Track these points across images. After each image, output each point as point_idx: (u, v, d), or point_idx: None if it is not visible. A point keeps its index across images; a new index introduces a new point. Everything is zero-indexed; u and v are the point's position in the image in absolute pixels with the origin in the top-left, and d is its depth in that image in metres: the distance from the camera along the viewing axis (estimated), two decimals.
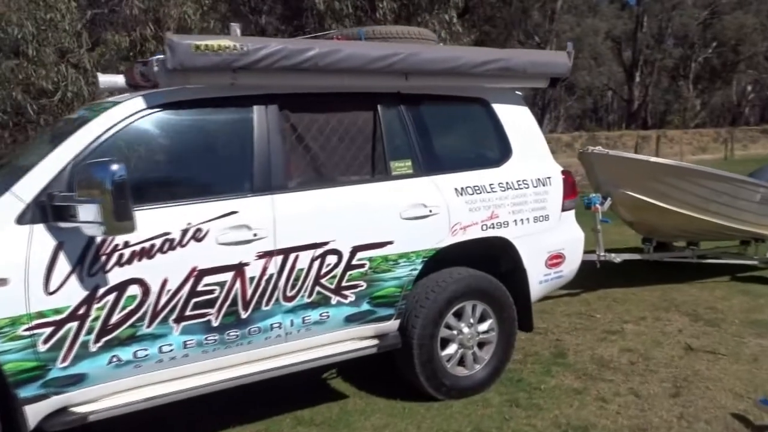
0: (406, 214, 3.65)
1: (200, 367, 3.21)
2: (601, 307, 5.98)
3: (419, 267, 3.71)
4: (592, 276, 6.35)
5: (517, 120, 4.27)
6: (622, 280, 6.73)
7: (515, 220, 4.07)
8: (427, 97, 3.96)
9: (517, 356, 4.73)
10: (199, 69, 3.05)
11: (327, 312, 3.48)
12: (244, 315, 3.23)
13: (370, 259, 3.55)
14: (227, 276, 3.15)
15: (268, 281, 3.26)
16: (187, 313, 3.09)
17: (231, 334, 3.22)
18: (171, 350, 3.09)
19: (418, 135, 3.85)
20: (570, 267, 4.46)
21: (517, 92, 4.39)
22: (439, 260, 3.84)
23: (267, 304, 3.28)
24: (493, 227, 3.97)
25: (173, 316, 3.06)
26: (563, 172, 4.39)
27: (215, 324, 3.17)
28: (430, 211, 3.72)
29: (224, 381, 3.23)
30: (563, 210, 4.34)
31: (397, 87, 3.79)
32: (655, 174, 5.86)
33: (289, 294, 3.34)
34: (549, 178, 4.27)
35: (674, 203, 5.96)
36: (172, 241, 3.02)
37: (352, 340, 3.63)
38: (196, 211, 3.10)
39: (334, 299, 3.48)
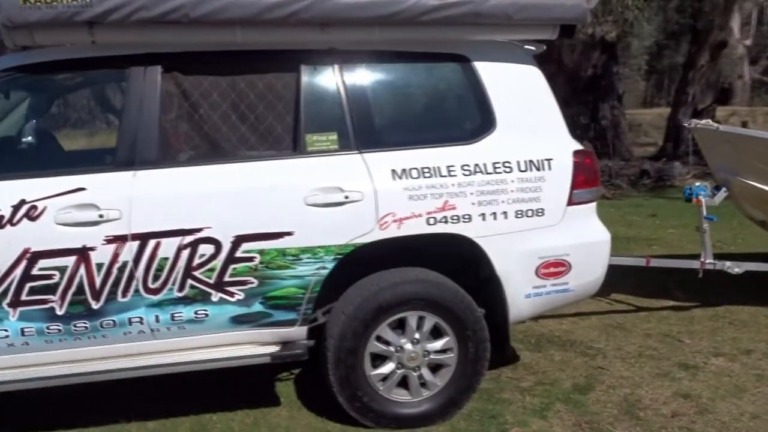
0: (312, 200, 2.96)
1: (49, 357, 2.90)
2: (703, 330, 4.60)
3: (330, 265, 3.01)
4: (735, 285, 4.97)
5: (512, 83, 3.28)
6: None
7: (482, 214, 3.13)
8: (376, 54, 3.17)
9: (525, 379, 3.78)
10: (36, 25, 2.68)
11: (205, 310, 2.96)
12: (95, 305, 2.85)
13: (262, 252, 2.94)
14: (68, 260, 2.78)
15: (121, 270, 2.83)
16: (23, 298, 2.79)
17: (79, 325, 2.87)
18: (7, 336, 2.83)
19: (354, 102, 3.10)
20: (582, 279, 3.38)
21: (524, 46, 3.38)
22: (379, 258, 3.11)
23: (123, 295, 2.86)
24: (446, 221, 3.09)
25: (6, 300, 2.78)
26: (578, 153, 3.30)
27: (60, 312, 2.83)
28: (346, 197, 2.98)
29: (75, 375, 2.89)
30: (572, 203, 3.27)
31: (329, 42, 3.07)
32: None
33: (152, 286, 2.88)
34: (548, 160, 3.23)
35: None
36: (0, 218, 2.73)
37: (243, 345, 3.07)
38: (32, 187, 2.77)
39: (215, 296, 2.95)
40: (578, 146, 3.35)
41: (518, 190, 3.18)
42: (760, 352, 4.20)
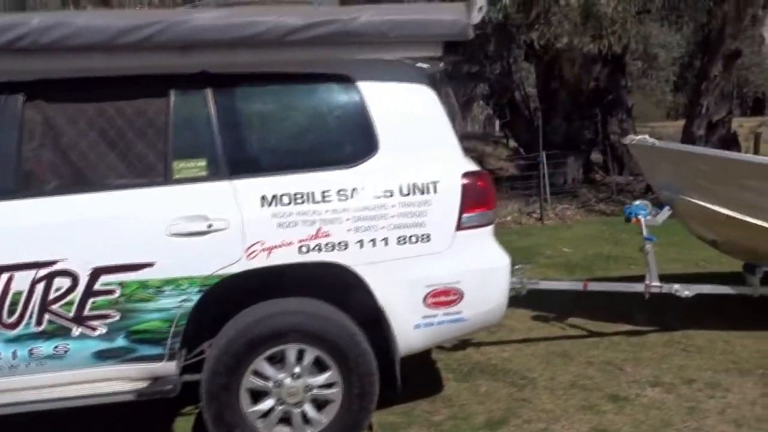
0: (174, 229, 2.85)
1: None
2: (651, 357, 4.33)
3: (195, 297, 2.88)
4: (706, 307, 4.69)
5: (398, 104, 3.13)
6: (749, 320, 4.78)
7: (360, 241, 2.98)
8: (252, 76, 3.06)
9: (439, 412, 3.58)
10: None
11: (66, 345, 2.86)
12: None
13: (122, 285, 2.83)
14: None
15: None
16: None
17: None
18: None
19: (226, 127, 2.99)
20: (478, 308, 3.19)
21: (416, 65, 3.23)
22: (265, 288, 2.98)
23: None
24: (320, 249, 2.95)
25: None
26: (468, 175, 3.12)
27: None
28: (210, 225, 2.86)
29: None
30: (461, 228, 3.09)
31: (198, 66, 2.97)
32: (731, 174, 4.01)
33: (7, 321, 2.80)
34: (434, 183, 3.06)
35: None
36: None
37: (110, 381, 2.96)
38: None
39: (76, 330, 2.85)
40: (471, 167, 3.18)
41: (400, 215, 3.02)
42: (702, 381, 3.92)
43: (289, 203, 2.93)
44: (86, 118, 2.92)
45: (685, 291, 4.41)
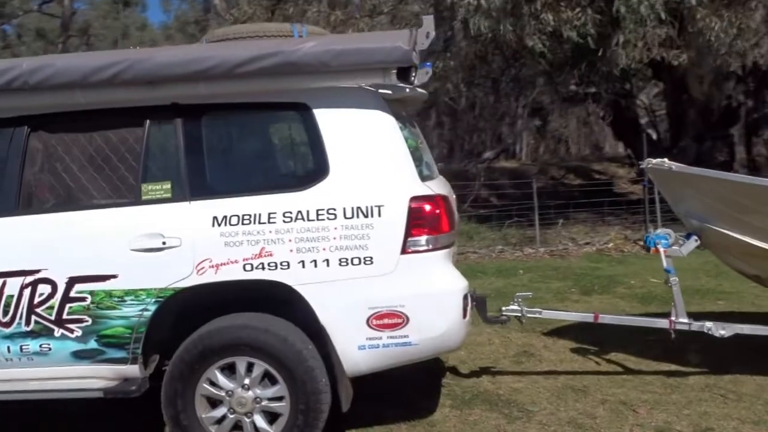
0: (136, 245, 3.17)
1: None
2: (676, 401, 3.97)
3: (152, 308, 3.17)
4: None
5: (353, 130, 3.24)
6: None
7: (302, 261, 3.11)
8: (218, 106, 3.33)
9: None
10: None
11: (49, 344, 3.27)
12: None
13: (92, 293, 3.19)
14: None
15: None
16: None
17: None
18: None
19: (190, 153, 3.27)
20: (426, 333, 3.17)
21: (376, 91, 3.31)
22: (229, 303, 3.23)
23: None
24: (263, 268, 3.11)
25: None
26: (416, 199, 3.14)
27: None
28: (164, 243, 3.14)
29: None
30: (407, 251, 3.11)
31: (172, 98, 3.29)
32: (756, 201, 3.61)
33: (2, 320, 3.26)
34: (378, 206, 3.12)
35: None
36: None
37: (85, 379, 3.32)
38: None
39: (57, 331, 3.25)
40: (423, 191, 3.18)
41: (342, 238, 3.10)
42: (719, 431, 3.54)
43: (237, 224, 3.13)
44: (79, 147, 3.35)
45: (720, 330, 3.98)
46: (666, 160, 3.86)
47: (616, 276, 7.45)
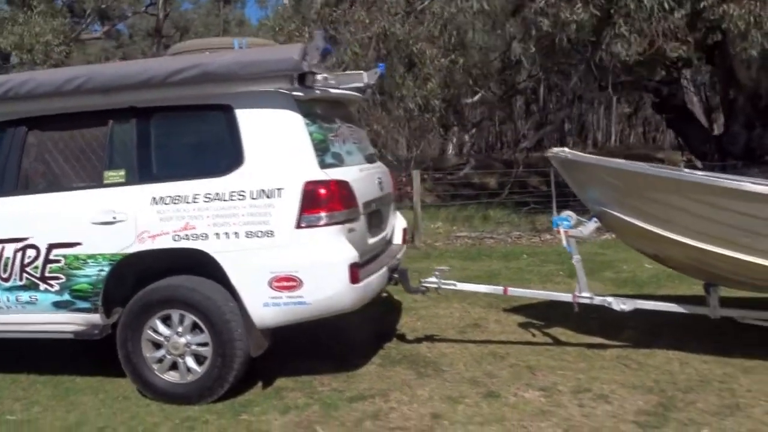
0: (95, 219, 4.02)
1: None
2: (579, 368, 4.39)
3: (106, 269, 4.01)
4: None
5: (265, 126, 3.94)
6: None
7: (217, 233, 3.85)
8: (160, 109, 4.12)
9: (325, 384, 4.23)
10: None
11: (36, 296, 4.19)
12: None
13: (65, 257, 4.08)
14: None
15: None
16: None
17: None
18: None
19: (141, 146, 4.09)
20: (318, 294, 3.82)
21: (290, 94, 3.97)
22: (146, 267, 4.03)
23: None
24: (187, 238, 3.88)
25: None
26: (311, 183, 3.80)
27: None
28: (114, 217, 3.97)
29: None
30: (302, 226, 3.78)
31: (130, 102, 4.12)
32: (638, 187, 3.97)
33: (3, 276, 4.22)
34: (279, 189, 3.80)
35: (684, 233, 3.91)
36: None
37: (63, 324, 4.22)
38: None
39: (42, 286, 4.17)
40: (318, 177, 3.82)
41: (248, 215, 3.81)
42: (594, 392, 3.96)
43: (169, 203, 3.91)
44: (64, 142, 4.25)
45: (621, 305, 4.36)
46: (565, 148, 4.25)
47: (613, 261, 7.70)
